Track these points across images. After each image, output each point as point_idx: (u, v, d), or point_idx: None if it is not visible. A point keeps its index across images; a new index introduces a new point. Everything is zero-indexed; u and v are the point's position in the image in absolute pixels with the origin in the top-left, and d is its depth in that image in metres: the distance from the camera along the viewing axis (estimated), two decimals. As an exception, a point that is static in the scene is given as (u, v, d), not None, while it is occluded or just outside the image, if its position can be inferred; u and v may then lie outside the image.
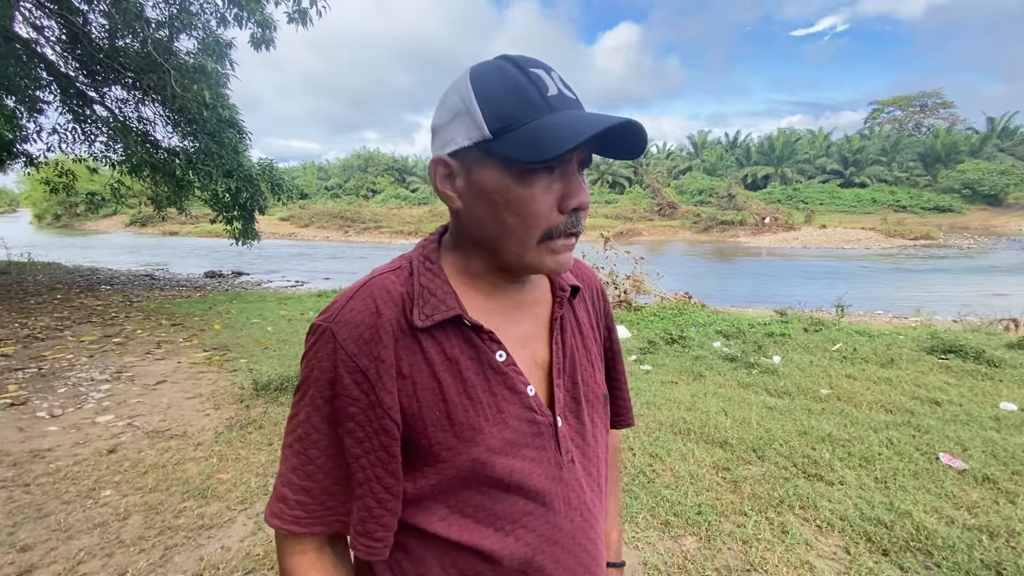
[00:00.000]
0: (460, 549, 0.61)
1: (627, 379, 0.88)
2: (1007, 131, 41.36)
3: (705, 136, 50.30)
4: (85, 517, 2.40)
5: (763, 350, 5.61)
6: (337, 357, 0.59)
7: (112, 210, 34.70)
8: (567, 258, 0.61)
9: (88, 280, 11.38)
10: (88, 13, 8.34)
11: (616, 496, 0.89)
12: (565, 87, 0.58)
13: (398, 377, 0.59)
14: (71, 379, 4.42)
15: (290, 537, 0.63)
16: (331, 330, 0.60)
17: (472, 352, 0.62)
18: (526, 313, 0.68)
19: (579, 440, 0.69)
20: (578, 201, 0.58)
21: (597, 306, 0.81)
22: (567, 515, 0.64)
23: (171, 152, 10.11)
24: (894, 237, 28.16)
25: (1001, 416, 3.75)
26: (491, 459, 0.60)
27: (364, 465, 0.59)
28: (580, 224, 0.60)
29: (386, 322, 0.59)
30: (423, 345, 0.60)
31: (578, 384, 0.70)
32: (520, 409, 0.62)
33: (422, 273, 0.63)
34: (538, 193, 0.57)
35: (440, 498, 0.61)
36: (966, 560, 2.10)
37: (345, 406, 0.59)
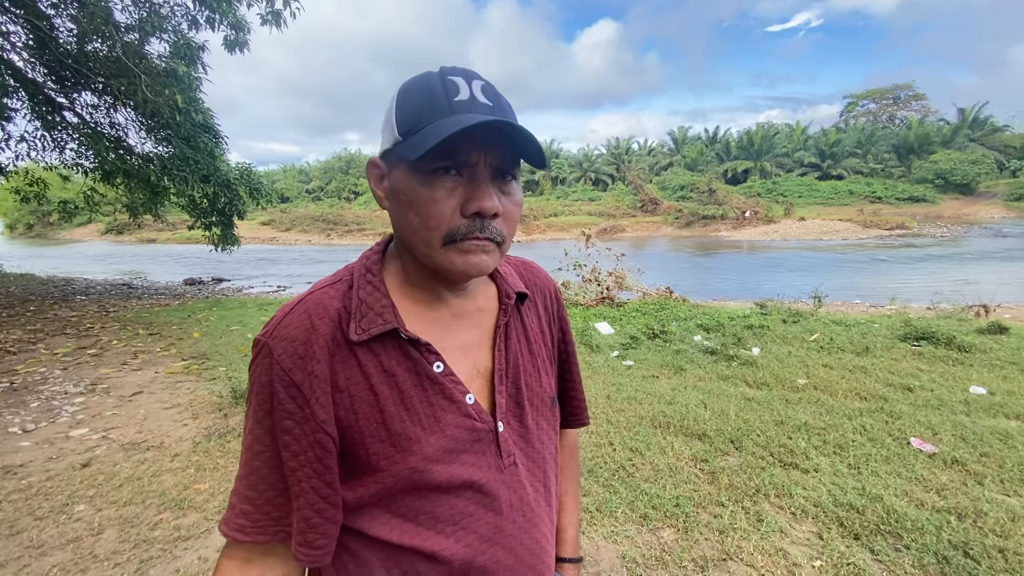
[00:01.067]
0: (403, 551, 0.63)
1: (581, 378, 0.90)
2: (977, 121, 42.44)
3: (685, 132, 50.79)
4: (58, 533, 2.36)
5: (743, 342, 5.69)
6: (273, 372, 0.60)
7: (86, 218, 33.95)
8: (479, 260, 0.61)
9: (63, 291, 11.13)
10: (55, 18, 8.13)
11: (573, 494, 0.91)
12: (484, 94, 0.59)
13: (335, 391, 0.60)
14: (44, 393, 4.32)
15: (229, 545, 0.64)
16: (268, 345, 0.61)
17: (409, 364, 0.63)
18: (468, 322, 0.70)
19: (522, 443, 0.70)
20: (478, 205, 0.58)
21: (550, 310, 0.82)
22: (509, 516, 0.66)
23: (145, 158, 9.91)
24: (870, 227, 28.74)
25: (971, 400, 3.86)
26: (428, 466, 0.61)
27: (300, 477, 0.60)
28: (489, 229, 0.60)
29: (321, 337, 0.60)
30: (360, 359, 0.61)
31: (521, 389, 0.71)
32: (458, 417, 0.64)
33: (362, 286, 0.64)
34: (440, 195, 0.58)
35: (381, 505, 0.63)
36: (934, 541, 2.16)
37: (281, 419, 0.60)
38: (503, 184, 0.62)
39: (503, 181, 0.62)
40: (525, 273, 0.80)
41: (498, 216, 0.61)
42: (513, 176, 0.63)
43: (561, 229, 32.74)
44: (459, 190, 0.59)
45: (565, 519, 0.89)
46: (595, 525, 2.35)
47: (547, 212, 38.80)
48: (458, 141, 0.55)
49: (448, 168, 0.58)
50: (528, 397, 0.71)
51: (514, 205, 0.63)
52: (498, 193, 0.61)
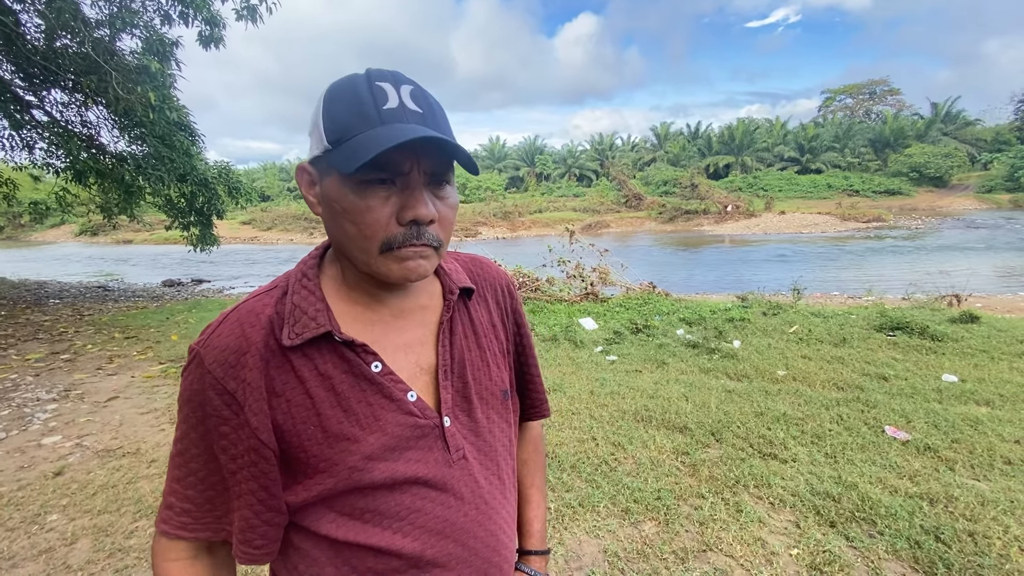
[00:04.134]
0: (351, 548, 0.63)
1: (539, 370, 0.90)
2: (950, 115, 43.44)
3: (668, 128, 51.17)
4: (30, 544, 2.30)
5: (724, 335, 5.77)
6: (205, 380, 0.61)
7: (59, 220, 33.08)
8: (417, 265, 0.62)
9: (35, 294, 10.83)
10: (21, 13, 7.88)
11: (539, 487, 0.91)
12: (413, 100, 0.60)
13: (271, 396, 0.61)
14: (15, 400, 4.21)
15: (167, 543, 0.65)
16: (200, 354, 0.62)
17: (345, 366, 0.63)
18: (410, 320, 0.70)
19: (472, 437, 0.71)
20: (414, 213, 0.59)
21: (502, 303, 0.82)
22: (460, 509, 0.67)
23: (118, 157, 9.66)
24: (848, 220, 29.26)
25: (943, 388, 3.96)
26: (368, 465, 0.62)
27: (240, 480, 0.62)
28: (425, 235, 0.61)
29: (252, 346, 0.61)
30: (294, 363, 0.62)
31: (469, 384, 0.71)
32: (399, 415, 0.64)
33: (296, 291, 0.65)
34: (374, 204, 0.59)
35: (326, 504, 0.63)
36: (907, 527, 2.21)
37: (216, 425, 0.61)
38: (437, 189, 0.62)
39: (437, 186, 0.62)
40: (474, 268, 0.81)
41: (434, 222, 0.61)
42: (447, 180, 0.63)
43: (546, 225, 32.78)
44: (393, 198, 0.59)
45: (531, 512, 0.89)
46: (577, 520, 2.36)
47: (532, 208, 38.81)
48: (390, 152, 0.55)
49: (382, 179, 0.58)
50: (476, 391, 0.72)
51: (449, 209, 0.64)
52: (433, 199, 0.61)
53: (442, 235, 0.63)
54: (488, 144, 54.07)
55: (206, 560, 0.66)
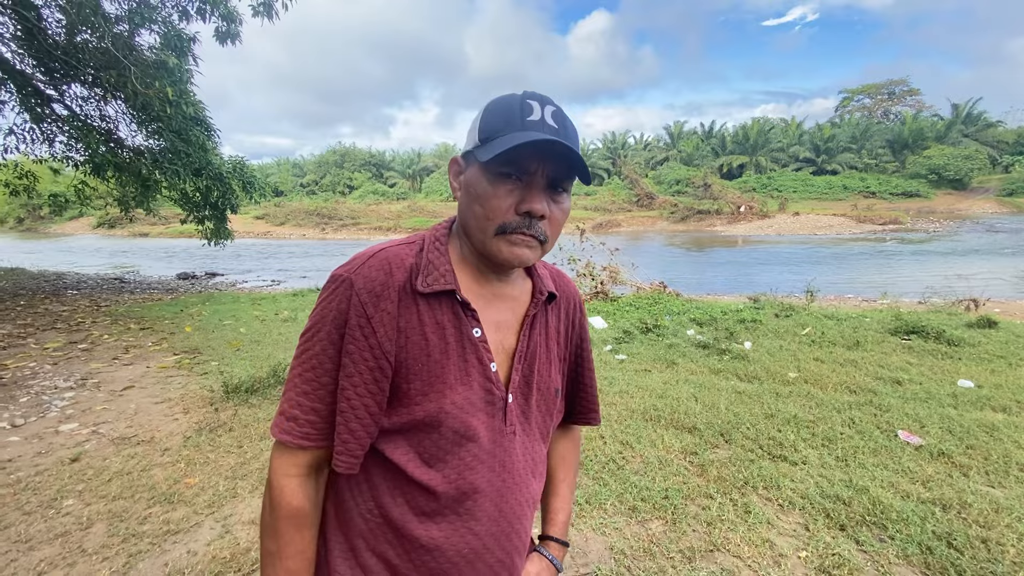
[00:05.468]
0: (408, 481, 0.73)
1: (596, 385, 0.99)
2: (971, 117, 42.61)
3: (681, 127, 50.77)
4: (47, 527, 2.35)
5: (735, 336, 5.72)
6: (351, 303, 0.71)
7: (77, 212, 33.66)
8: (523, 252, 0.72)
9: (54, 285, 11.04)
10: (43, 8, 8.02)
11: (570, 483, 1.00)
12: (553, 118, 0.71)
13: (397, 329, 0.72)
14: (34, 388, 4.30)
15: (287, 457, 0.73)
16: (351, 279, 0.72)
17: (456, 322, 0.74)
18: (504, 304, 0.81)
19: (523, 418, 0.80)
20: (528, 206, 0.70)
21: (573, 317, 0.93)
22: (500, 474, 0.76)
23: (136, 151, 9.80)
24: (864, 222, 28.88)
25: (958, 393, 3.90)
26: (451, 410, 0.72)
27: (351, 395, 0.71)
28: (535, 228, 0.71)
29: (395, 283, 0.72)
30: (419, 308, 0.73)
31: (534, 372, 0.81)
32: (482, 379, 0.75)
33: (431, 249, 0.76)
34: (501, 193, 0.70)
35: (404, 435, 0.73)
36: (919, 532, 2.19)
37: (347, 343, 0.71)
38: (555, 194, 0.73)
39: (555, 192, 0.73)
40: (558, 280, 0.91)
41: (545, 218, 0.72)
42: (565, 189, 0.74)
43: (556, 224, 32.69)
44: (517, 192, 0.71)
45: (558, 503, 0.97)
46: (584, 517, 2.36)
47: (543, 207, 38.70)
48: (522, 152, 0.67)
49: (511, 174, 0.70)
50: (537, 381, 0.82)
51: (561, 212, 0.75)
52: (549, 200, 0.72)
53: (549, 232, 0.74)
54: (500, 142, 53.94)
55: (315, 480, 0.76)
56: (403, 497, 0.73)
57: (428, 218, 36.17)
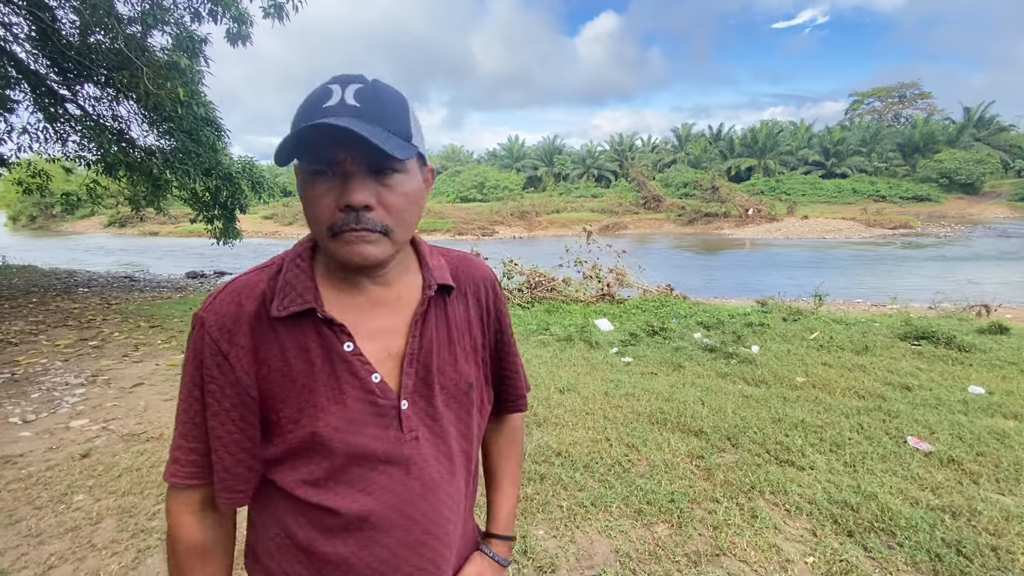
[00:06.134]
0: (308, 504, 0.72)
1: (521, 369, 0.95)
2: (983, 120, 42.15)
3: (689, 129, 50.56)
4: (57, 522, 2.38)
5: (742, 340, 5.69)
6: (204, 342, 0.70)
7: (89, 211, 33.95)
8: (362, 249, 0.67)
9: (65, 283, 11.17)
10: (57, 9, 8.12)
11: (511, 477, 0.98)
12: (355, 97, 0.64)
13: (257, 359, 0.70)
14: (45, 384, 4.35)
15: (179, 496, 0.74)
16: (203, 318, 0.71)
17: (322, 341, 0.71)
18: (385, 308, 0.76)
19: (429, 421, 0.76)
20: (346, 199, 0.64)
21: (485, 303, 0.87)
22: (404, 483, 0.73)
23: (147, 151, 9.90)
24: (874, 226, 28.65)
25: (969, 400, 3.86)
26: (328, 432, 0.70)
27: (221, 433, 0.71)
28: (365, 220, 0.66)
29: (246, 314, 0.70)
30: (279, 334, 0.70)
31: (432, 373, 0.77)
32: (361, 393, 0.71)
33: (290, 269, 0.73)
34: (320, 192, 0.66)
35: (290, 462, 0.72)
36: (928, 539, 2.17)
37: (207, 383, 0.70)
38: (383, 178, 0.66)
39: (383, 175, 0.66)
40: (460, 266, 0.85)
41: (371, 208, 0.66)
42: (396, 169, 0.67)
43: (563, 225, 32.70)
44: (336, 187, 0.65)
45: (499, 498, 0.96)
46: (589, 519, 2.36)
47: (549, 208, 38.74)
48: (321, 143, 0.63)
49: (323, 169, 0.65)
50: (439, 380, 0.77)
51: (397, 196, 0.68)
52: (377, 187, 0.66)
53: (389, 221, 0.68)
54: (507, 143, 54.06)
55: (212, 513, 0.76)
56: (305, 518, 0.72)
57: (434, 219, 36.21)
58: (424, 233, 32.66)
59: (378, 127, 0.63)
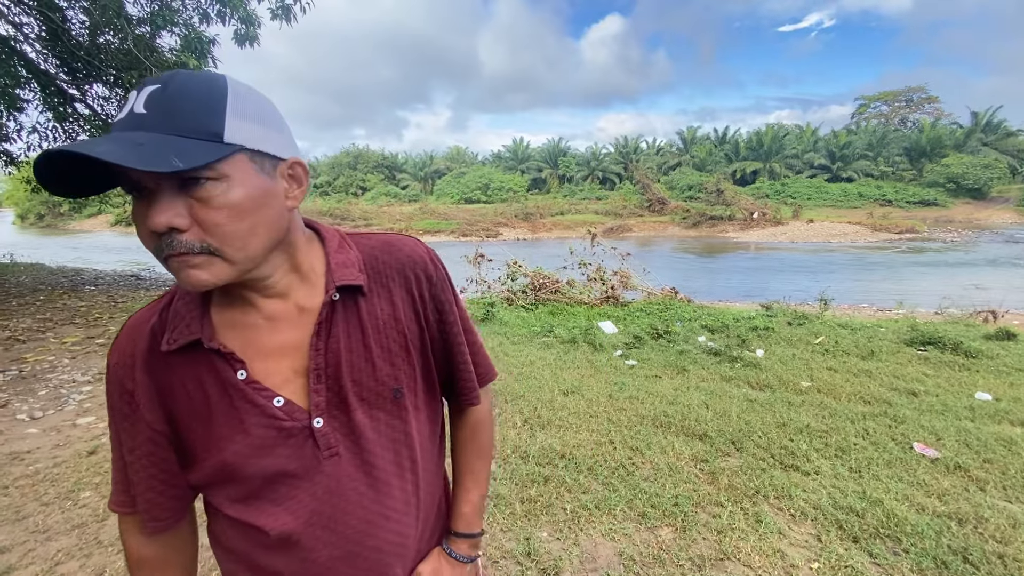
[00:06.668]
0: (240, 523, 0.72)
1: (473, 357, 0.86)
2: (991, 125, 41.91)
3: (694, 132, 50.48)
4: (64, 519, 2.40)
5: (747, 344, 5.68)
6: (110, 380, 0.71)
7: (96, 210, 34.25)
8: (192, 275, 0.59)
9: (72, 281, 11.24)
10: (67, 9, 8.21)
11: (473, 471, 0.92)
12: (146, 103, 0.56)
13: (158, 395, 0.69)
14: (52, 381, 4.38)
15: (121, 520, 0.76)
16: (109, 359, 0.72)
17: (214, 371, 0.68)
18: (285, 323, 0.71)
19: (350, 434, 0.72)
20: (150, 224, 0.57)
21: (418, 293, 0.78)
22: (328, 500, 0.72)
23: (155, 151, 9.98)
24: (880, 231, 28.52)
25: (976, 406, 3.83)
26: (239, 461, 0.69)
27: (137, 468, 0.71)
28: (181, 244, 0.58)
29: (139, 352, 0.69)
30: (175, 367, 0.68)
31: (345, 386, 0.71)
32: (263, 419, 0.69)
33: (180, 297, 0.70)
34: (138, 220, 0.59)
35: (215, 486, 0.73)
36: (934, 546, 2.16)
37: (118, 420, 0.71)
38: (194, 191, 0.57)
39: (196, 188, 0.57)
40: (380, 256, 0.76)
41: (182, 230, 0.57)
42: (207, 178, 0.57)
43: (567, 227, 32.70)
44: (147, 212, 0.58)
45: (458, 493, 0.92)
46: (593, 522, 2.36)
47: (553, 210, 38.77)
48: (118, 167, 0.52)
49: (132, 192, 0.59)
50: (355, 391, 0.72)
51: (215, 210, 0.58)
52: (189, 202, 0.57)
53: (211, 239, 0.59)
54: (512, 145, 54.15)
55: (161, 533, 0.76)
56: (240, 534, 0.73)
57: (439, 220, 36.28)
58: (428, 235, 32.76)
59: (161, 134, 0.55)
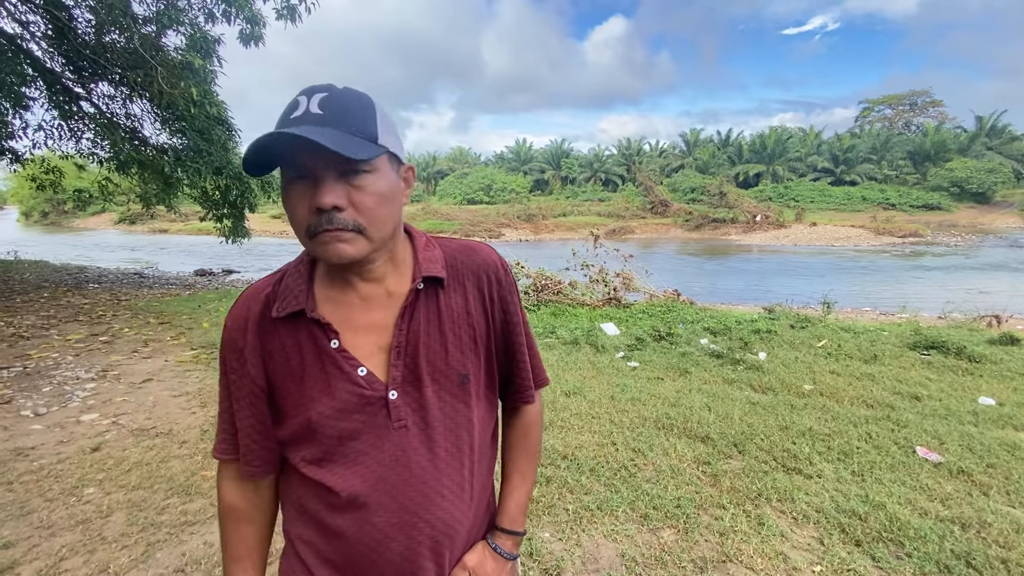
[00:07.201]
0: (312, 481, 0.80)
1: (530, 359, 0.93)
2: (995, 129, 41.80)
3: (698, 134, 50.46)
4: (68, 514, 2.41)
5: (749, 347, 5.67)
6: (225, 340, 0.82)
7: (100, 207, 34.31)
8: (338, 248, 0.71)
9: (76, 278, 11.28)
10: (74, 8, 8.24)
11: (521, 471, 0.97)
12: (320, 106, 0.69)
13: (263, 355, 0.80)
14: (56, 378, 4.40)
15: (221, 466, 0.87)
16: (226, 321, 0.83)
17: (313, 338, 0.78)
18: (376, 303, 0.81)
19: (419, 410, 0.81)
20: (317, 202, 0.69)
21: (489, 293, 0.87)
22: (393, 468, 0.79)
23: (159, 149, 9.99)
24: (883, 235, 28.44)
25: (979, 411, 3.82)
26: (320, 420, 0.78)
27: (241, 416, 0.82)
28: (336, 221, 0.70)
29: (253, 315, 0.80)
30: (280, 332, 0.79)
31: (420, 364, 0.80)
32: (347, 385, 0.78)
33: (291, 275, 0.81)
34: (295, 199, 0.71)
35: (297, 443, 0.81)
36: (937, 550, 2.15)
37: (229, 375, 0.82)
38: (353, 179, 0.70)
39: (353, 176, 0.70)
40: (460, 256, 0.87)
41: (342, 209, 0.70)
42: (365, 170, 0.70)
43: (569, 229, 32.68)
44: (309, 191, 0.70)
45: (505, 490, 0.97)
46: (595, 523, 2.36)
47: (556, 211, 38.75)
48: (292, 151, 0.67)
49: (298, 175, 0.70)
50: (428, 371, 0.81)
51: (367, 195, 0.71)
52: (348, 188, 0.70)
53: (361, 219, 0.71)
54: (514, 146, 54.21)
55: (250, 483, 0.86)
56: (312, 493, 0.81)
57: (442, 220, 36.30)
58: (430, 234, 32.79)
59: (340, 131, 0.68)
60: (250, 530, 0.88)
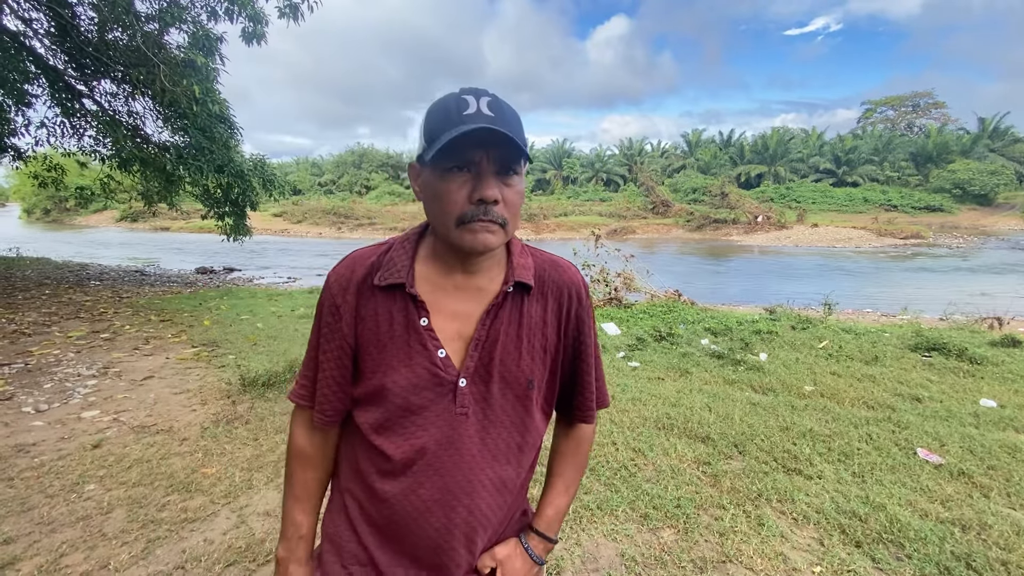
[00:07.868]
0: (370, 444, 0.86)
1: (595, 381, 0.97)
2: (998, 131, 41.71)
3: (699, 135, 50.38)
4: (68, 511, 2.41)
5: (750, 347, 5.66)
6: (326, 295, 0.87)
7: (102, 205, 34.39)
8: (485, 238, 0.77)
9: (77, 275, 11.30)
10: (77, 6, 8.25)
11: (565, 479, 1.00)
12: (488, 107, 0.75)
13: (357, 316, 0.85)
14: (57, 374, 4.40)
15: (296, 411, 0.94)
16: (329, 277, 0.88)
17: (405, 312, 0.84)
18: (466, 295, 0.86)
19: (482, 402, 0.85)
20: (480, 194, 0.75)
21: (568, 309, 0.91)
22: (447, 451, 0.83)
23: (161, 147, 10.00)
24: (885, 236, 28.38)
25: (980, 412, 3.82)
26: (393, 388, 0.83)
27: (326, 367, 0.88)
28: (491, 213, 0.76)
29: (356, 278, 0.86)
30: (376, 299, 0.84)
31: (494, 360, 0.85)
32: (426, 362, 0.82)
33: (397, 249, 0.87)
34: (453, 187, 0.76)
35: (363, 404, 0.87)
36: (937, 552, 2.15)
37: (323, 327, 0.88)
38: (506, 178, 0.77)
39: (506, 175, 0.77)
40: (547, 269, 0.91)
41: (498, 203, 0.77)
42: (515, 171, 0.78)
43: (571, 228, 32.64)
44: (468, 183, 0.76)
45: (547, 496, 0.99)
46: (595, 523, 2.36)
47: (557, 211, 38.71)
48: (462, 144, 0.72)
49: (459, 167, 0.76)
50: (499, 369, 0.85)
51: (515, 194, 0.79)
52: (501, 185, 0.77)
53: (507, 215, 0.78)
54: (516, 146, 54.04)
55: (323, 432, 0.93)
56: (368, 455, 0.86)
57: (443, 220, 36.23)
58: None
59: (509, 133, 0.73)
60: (313, 475, 0.93)
